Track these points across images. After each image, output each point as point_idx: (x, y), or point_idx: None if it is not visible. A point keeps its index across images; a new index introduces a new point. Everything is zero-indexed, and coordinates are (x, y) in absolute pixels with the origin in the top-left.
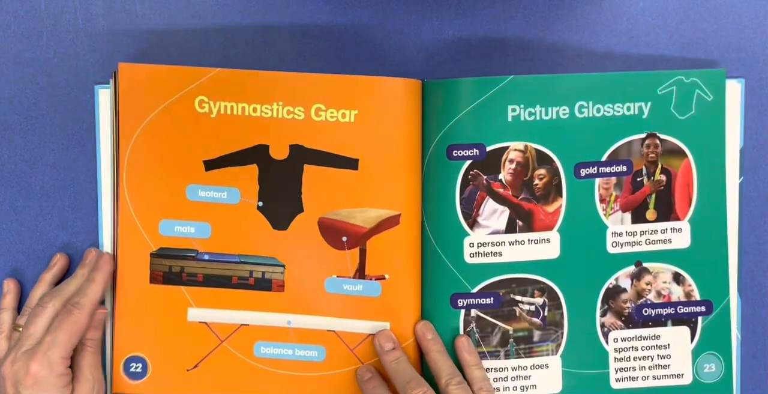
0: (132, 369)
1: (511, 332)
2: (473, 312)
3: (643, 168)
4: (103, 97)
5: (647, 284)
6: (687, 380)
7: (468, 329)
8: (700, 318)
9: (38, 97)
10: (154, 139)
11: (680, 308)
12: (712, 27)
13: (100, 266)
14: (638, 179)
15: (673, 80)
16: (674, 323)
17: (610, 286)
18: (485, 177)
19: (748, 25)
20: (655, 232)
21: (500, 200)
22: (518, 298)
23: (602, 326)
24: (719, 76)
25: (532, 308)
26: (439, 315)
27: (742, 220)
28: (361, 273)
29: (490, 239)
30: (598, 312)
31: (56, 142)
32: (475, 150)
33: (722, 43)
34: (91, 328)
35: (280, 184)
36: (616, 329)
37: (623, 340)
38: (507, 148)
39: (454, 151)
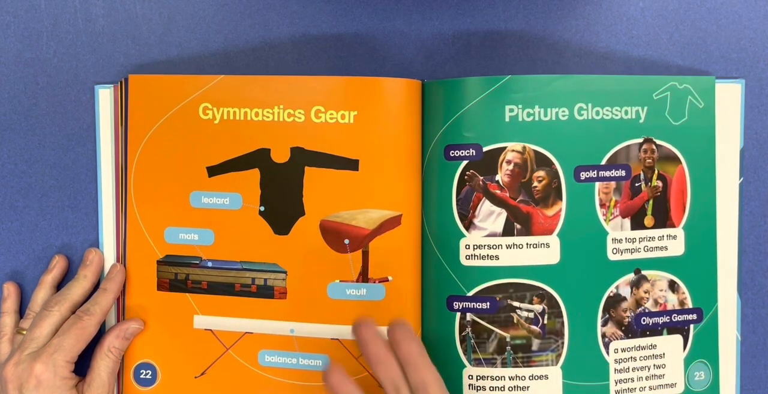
0: (142, 376)
1: (508, 339)
2: (468, 316)
3: (641, 173)
4: (103, 97)
5: (645, 292)
6: (680, 389)
7: (463, 334)
8: (692, 326)
9: (38, 97)
10: (160, 148)
11: (675, 317)
12: (712, 27)
13: (113, 276)
14: (636, 185)
15: (667, 86)
16: (669, 332)
17: (611, 294)
18: (481, 178)
19: (747, 25)
20: (653, 238)
21: (496, 201)
22: (516, 304)
23: (603, 336)
24: (709, 83)
25: (531, 315)
26: (436, 318)
27: (742, 220)
28: (364, 276)
29: (487, 242)
30: (599, 321)
31: (56, 142)
32: (471, 150)
33: (722, 44)
34: (120, 337)
35: (281, 188)
36: (617, 339)
37: (623, 350)
38: (504, 148)
39: (452, 152)
